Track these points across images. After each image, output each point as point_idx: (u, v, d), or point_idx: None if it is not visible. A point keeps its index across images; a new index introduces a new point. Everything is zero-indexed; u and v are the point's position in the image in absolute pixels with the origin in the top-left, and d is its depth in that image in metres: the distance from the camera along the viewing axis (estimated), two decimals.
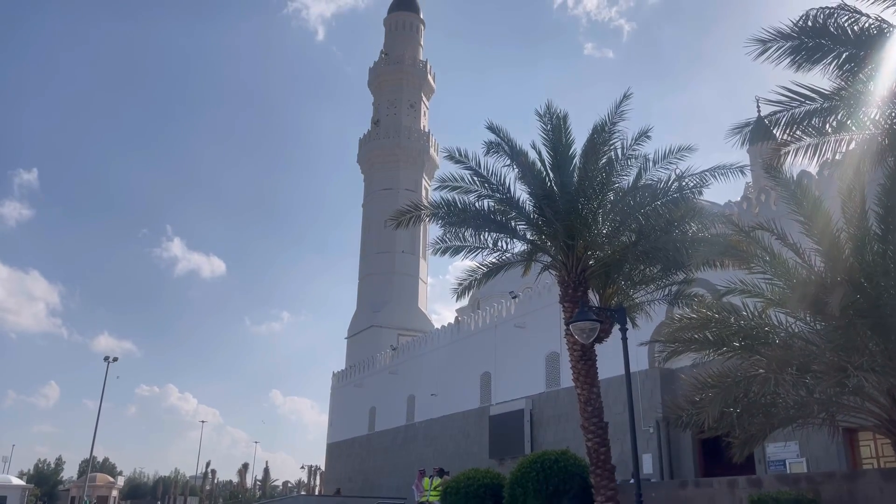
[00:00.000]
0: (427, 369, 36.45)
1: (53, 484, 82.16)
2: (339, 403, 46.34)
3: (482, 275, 16.75)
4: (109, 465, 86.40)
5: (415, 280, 51.59)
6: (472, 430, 31.53)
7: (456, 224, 15.72)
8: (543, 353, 28.63)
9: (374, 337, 47.68)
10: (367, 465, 40.01)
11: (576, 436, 23.32)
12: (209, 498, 70.15)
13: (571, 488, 14.49)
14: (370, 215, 52.86)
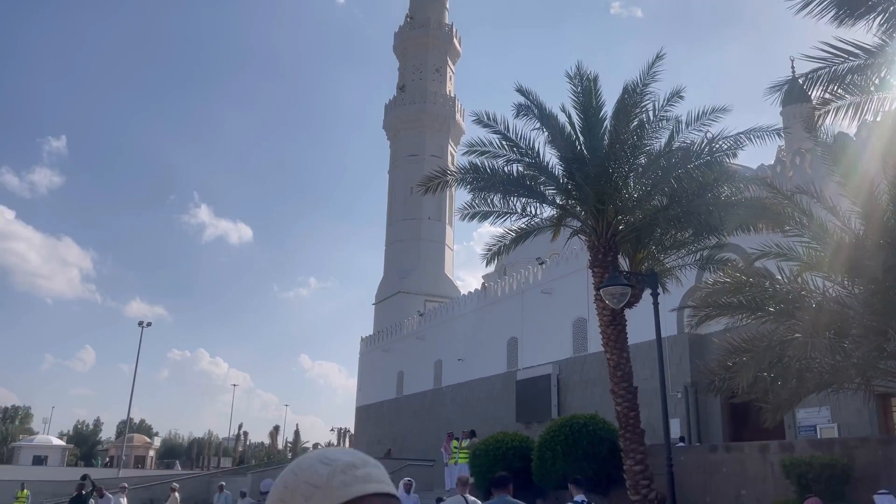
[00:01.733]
0: (454, 335, 36.65)
1: (92, 444, 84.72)
2: (368, 368, 46.90)
3: (511, 240, 16.68)
4: (146, 426, 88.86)
5: (441, 247, 51.61)
6: (498, 394, 31.75)
7: (484, 189, 15.63)
8: (570, 319, 28.60)
9: (401, 303, 47.95)
10: (396, 427, 40.58)
11: (603, 400, 23.38)
12: (242, 458, 71.86)
13: (600, 452, 14.55)
14: (396, 182, 52.79)
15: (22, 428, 79.59)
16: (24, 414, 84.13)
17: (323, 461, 1.16)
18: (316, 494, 1.11)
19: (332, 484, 1.12)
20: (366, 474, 1.16)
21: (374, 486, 1.15)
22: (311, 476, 1.13)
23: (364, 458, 1.21)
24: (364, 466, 1.18)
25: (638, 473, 13.57)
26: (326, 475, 1.13)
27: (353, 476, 1.14)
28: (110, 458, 61.37)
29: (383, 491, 1.16)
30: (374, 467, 1.20)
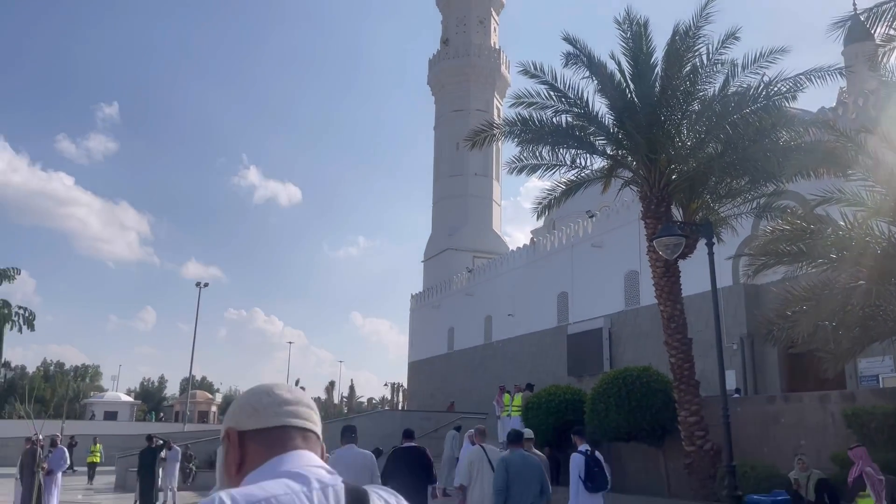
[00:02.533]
0: (503, 290, 36.71)
1: (158, 400, 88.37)
2: (419, 324, 47.46)
3: (560, 193, 16.48)
4: (207, 383, 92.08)
5: (488, 202, 51.37)
6: (549, 348, 31.82)
7: (532, 141, 15.41)
8: (622, 272, 28.31)
9: (449, 259, 48.12)
10: (448, 382, 41.16)
11: (656, 353, 23.21)
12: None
13: (654, 403, 14.48)
14: (442, 137, 52.49)
15: (92, 385, 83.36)
16: (94, 372, 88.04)
17: (268, 394, 1.47)
18: (254, 416, 1.44)
19: (267, 412, 1.44)
20: (294, 410, 1.46)
21: (296, 420, 1.45)
22: (256, 402, 1.46)
23: (300, 399, 1.49)
24: (296, 405, 1.47)
25: (693, 425, 13.51)
26: (265, 404, 1.45)
27: (284, 410, 1.45)
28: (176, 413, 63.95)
29: (301, 425, 1.45)
30: (304, 407, 1.48)
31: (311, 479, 1.32)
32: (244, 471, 1.38)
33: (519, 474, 7.41)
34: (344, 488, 1.36)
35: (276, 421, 1.43)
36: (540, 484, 7.51)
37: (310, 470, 1.35)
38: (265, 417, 1.43)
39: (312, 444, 1.44)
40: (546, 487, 7.60)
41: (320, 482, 1.33)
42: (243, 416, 1.44)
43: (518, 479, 7.39)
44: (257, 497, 1.23)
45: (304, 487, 1.29)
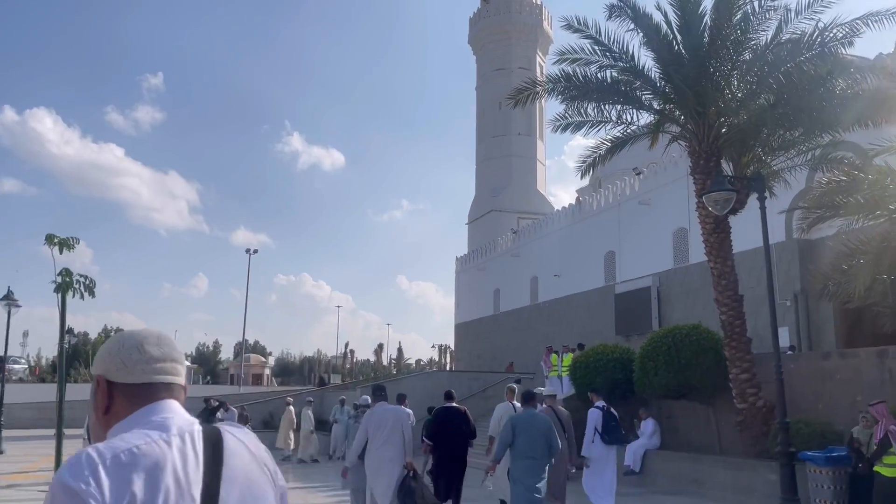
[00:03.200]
0: (549, 251, 36.51)
1: (214, 364, 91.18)
2: (464, 286, 47.65)
3: (606, 150, 16.21)
4: (260, 346, 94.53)
5: (532, 162, 50.85)
6: (596, 308, 31.65)
7: (576, 98, 15.13)
8: (670, 230, 27.84)
9: (494, 221, 47.97)
10: (495, 343, 41.39)
11: (706, 311, 22.87)
12: (350, 375, 75.59)
13: (704, 361, 14.34)
14: (484, 98, 51.93)
15: None
16: None
17: (138, 349, 1.54)
18: (122, 370, 1.52)
19: (136, 369, 1.52)
20: (161, 367, 1.54)
21: (163, 377, 1.54)
22: (126, 357, 1.53)
23: (167, 354, 1.57)
24: (163, 361, 1.55)
25: (745, 382, 13.35)
26: (135, 360, 1.52)
27: (152, 367, 1.53)
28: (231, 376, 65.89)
29: (167, 381, 1.54)
30: (171, 362, 1.57)
31: (171, 426, 1.44)
32: (111, 413, 1.52)
33: (525, 431, 7.93)
34: (201, 431, 1.47)
35: (145, 378, 1.52)
36: (546, 439, 7.98)
37: (170, 418, 1.47)
38: (134, 374, 1.51)
39: (176, 392, 1.56)
40: (554, 442, 8.07)
41: (179, 428, 1.44)
42: (113, 368, 1.53)
43: (524, 434, 7.90)
44: (120, 448, 1.34)
45: (164, 434, 1.41)
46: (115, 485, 1.28)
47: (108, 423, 1.51)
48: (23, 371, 57.55)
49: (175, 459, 1.36)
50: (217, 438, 1.47)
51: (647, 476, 14.54)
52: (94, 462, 1.31)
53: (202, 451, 1.42)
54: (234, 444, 1.48)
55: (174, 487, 1.32)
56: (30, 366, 65.29)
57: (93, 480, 1.28)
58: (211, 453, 1.43)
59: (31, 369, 63.00)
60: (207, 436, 1.46)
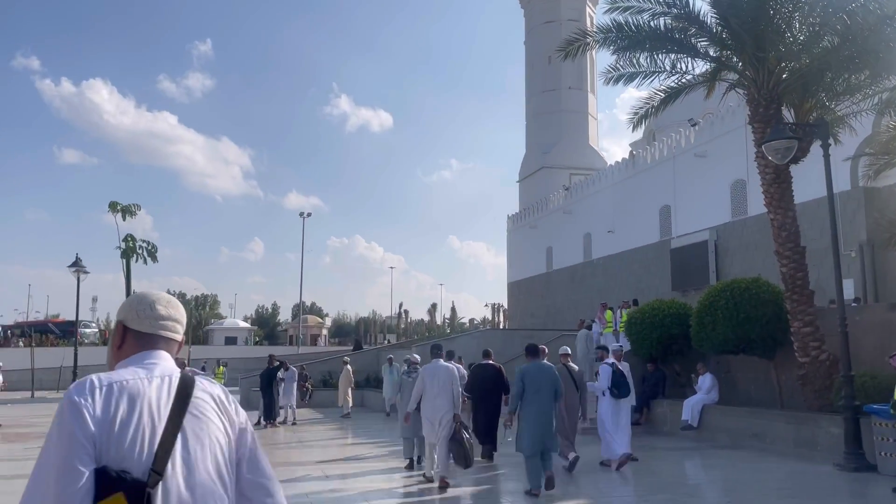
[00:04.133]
0: (602, 207, 36.03)
1: (272, 326, 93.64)
2: (516, 245, 47.53)
3: (659, 101, 15.78)
4: (317, 308, 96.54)
5: (584, 117, 49.91)
6: (652, 264, 31.23)
7: (629, 48, 14.70)
8: (728, 182, 27.12)
9: (545, 178, 47.50)
10: (548, 301, 41.34)
11: (766, 264, 22.33)
12: (405, 334, 76.71)
13: (764, 315, 14.02)
14: (533, 52, 50.98)
15: (212, 313, 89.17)
16: (213, 301, 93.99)
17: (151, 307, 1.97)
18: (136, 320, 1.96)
19: (146, 322, 1.96)
20: (164, 324, 1.98)
21: (164, 332, 1.97)
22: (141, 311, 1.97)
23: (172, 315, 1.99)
24: (167, 320, 1.98)
25: (807, 335, 13.04)
26: (147, 315, 1.96)
27: (158, 324, 1.97)
28: (290, 337, 67.65)
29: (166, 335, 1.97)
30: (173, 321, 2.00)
31: (156, 369, 1.87)
32: (122, 350, 1.96)
33: (534, 381, 8.86)
34: (178, 376, 1.88)
35: (151, 329, 1.96)
36: (553, 388, 8.94)
37: (158, 364, 1.90)
38: (144, 325, 1.96)
39: (171, 346, 1.99)
40: (559, 391, 9.05)
41: (161, 372, 1.88)
42: (131, 317, 1.97)
43: (533, 384, 8.84)
44: (114, 379, 1.79)
45: (148, 374, 1.85)
46: (104, 404, 1.73)
47: (118, 357, 1.96)
48: (94, 335, 60.19)
49: (152, 395, 1.80)
50: (189, 383, 1.89)
51: (704, 431, 14.44)
52: (94, 386, 1.76)
53: (175, 390, 1.84)
54: (200, 389, 1.90)
55: (147, 412, 1.76)
56: (100, 330, 68.16)
57: (90, 398, 1.73)
58: (182, 394, 1.85)
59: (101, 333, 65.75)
60: (182, 380, 1.89)
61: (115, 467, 1.68)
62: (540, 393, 8.79)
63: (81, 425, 1.67)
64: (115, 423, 1.71)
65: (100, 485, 1.66)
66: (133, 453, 1.70)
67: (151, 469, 1.71)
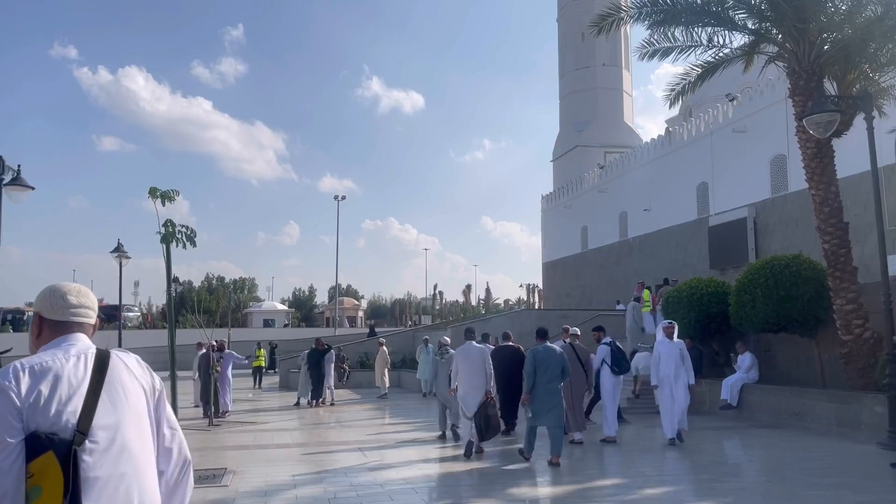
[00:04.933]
0: (638, 185, 35.57)
1: (309, 308, 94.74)
2: (550, 225, 47.25)
3: (696, 76, 15.48)
4: (353, 290, 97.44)
5: (618, 94, 49.19)
6: (689, 242, 30.81)
7: (664, 22, 14.42)
8: (767, 158, 26.53)
9: (579, 157, 47.02)
10: (584, 281, 41.10)
11: (807, 241, 21.87)
12: (440, 316, 77.09)
13: (805, 292, 13.77)
14: (566, 29, 50.31)
15: (250, 296, 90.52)
16: (251, 284, 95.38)
17: (63, 298, 2.24)
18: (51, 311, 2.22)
19: (58, 311, 2.23)
20: (76, 311, 2.24)
21: (75, 318, 2.24)
22: (53, 302, 2.23)
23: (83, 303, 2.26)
24: (78, 307, 2.25)
25: (850, 313, 12.77)
26: (59, 306, 2.23)
27: (69, 311, 2.23)
28: (326, 318, 68.45)
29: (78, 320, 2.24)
30: (84, 308, 2.26)
31: (72, 349, 2.15)
32: (41, 338, 2.24)
33: (543, 361, 9.79)
34: (94, 353, 2.17)
35: (64, 317, 2.23)
36: (561, 367, 9.86)
37: (74, 345, 2.18)
38: (57, 314, 2.23)
39: (86, 328, 2.27)
40: (566, 370, 9.99)
41: (78, 350, 2.15)
42: (45, 308, 2.25)
43: (542, 364, 9.77)
44: (35, 362, 2.07)
45: (66, 354, 2.13)
46: (28, 385, 2.01)
47: (38, 345, 2.24)
48: (136, 318, 61.69)
49: (70, 370, 2.09)
50: (105, 357, 2.18)
51: (744, 410, 14.29)
52: (17, 370, 2.04)
53: (91, 365, 2.13)
54: (116, 361, 2.19)
55: (67, 384, 2.06)
56: (142, 313, 69.79)
57: (14, 381, 2.00)
58: (98, 366, 2.14)
59: (144, 317, 67.33)
60: (98, 355, 2.18)
61: (44, 431, 1.96)
62: (548, 372, 9.78)
63: (7, 404, 1.97)
64: (41, 397, 2.01)
65: (33, 447, 1.95)
66: (60, 419, 2.00)
67: (76, 430, 2.00)
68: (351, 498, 7.90)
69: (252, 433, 13.91)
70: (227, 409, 16.90)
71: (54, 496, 1.93)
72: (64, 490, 1.94)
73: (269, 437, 13.43)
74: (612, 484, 8.55)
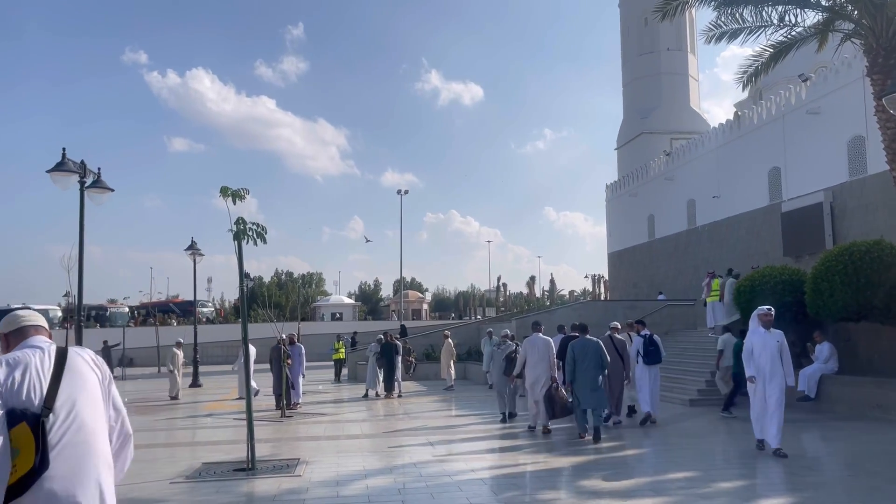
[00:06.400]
0: (706, 171, 34.63)
1: (375, 301, 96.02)
2: (616, 214, 46.50)
3: (768, 57, 14.99)
4: (417, 283, 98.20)
5: (684, 78, 47.91)
6: (761, 229, 29.83)
7: (731, 3, 14.03)
8: (844, 139, 25.41)
9: (644, 144, 46.08)
10: (651, 270, 40.33)
11: (888, 226, 20.93)
12: (504, 307, 76.92)
13: (888, 279, 13.17)
14: (628, 14, 49.30)
15: (318, 290, 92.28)
16: (318, 279, 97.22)
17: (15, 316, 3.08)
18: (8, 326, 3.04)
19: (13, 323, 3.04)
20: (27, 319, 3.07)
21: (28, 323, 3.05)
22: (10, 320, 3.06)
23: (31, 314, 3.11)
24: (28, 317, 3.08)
25: None
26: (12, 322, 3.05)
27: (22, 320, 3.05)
28: (392, 312, 69.22)
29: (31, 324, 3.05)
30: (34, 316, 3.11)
31: (36, 347, 2.91)
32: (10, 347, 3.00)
33: (581, 353, 11.12)
34: (55, 349, 2.91)
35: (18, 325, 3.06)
36: (599, 359, 11.13)
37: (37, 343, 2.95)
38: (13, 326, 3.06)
39: (42, 331, 3.06)
40: (605, 362, 11.21)
41: (41, 348, 2.90)
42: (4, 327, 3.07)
43: (581, 357, 11.09)
44: (10, 357, 2.82)
45: (32, 350, 2.88)
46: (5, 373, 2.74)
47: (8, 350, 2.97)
48: (210, 313, 63.66)
49: (37, 362, 2.82)
50: (63, 352, 2.92)
51: (822, 402, 13.80)
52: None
53: (54, 357, 2.87)
54: (73, 354, 2.94)
55: (35, 372, 2.79)
56: (215, 308, 72.03)
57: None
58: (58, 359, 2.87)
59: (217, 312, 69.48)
60: (58, 350, 2.92)
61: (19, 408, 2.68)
62: (586, 362, 11.07)
63: None
64: (15, 382, 2.73)
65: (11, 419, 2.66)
66: (31, 399, 2.71)
67: (43, 406, 2.72)
68: (420, 489, 8.00)
69: (322, 424, 14.23)
70: (297, 400, 17.33)
71: (28, 455, 2.63)
72: (35, 450, 2.64)
73: (339, 428, 13.71)
74: (682, 477, 8.40)
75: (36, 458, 2.63)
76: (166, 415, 16.86)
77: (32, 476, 2.63)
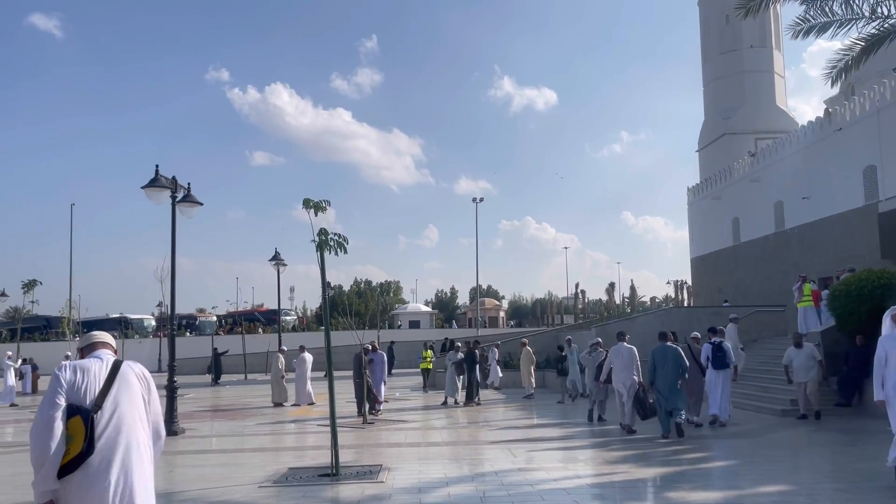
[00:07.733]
0: (794, 171, 33.24)
1: (452, 309, 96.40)
2: (698, 218, 45.19)
3: (860, 51, 14.32)
4: (493, 290, 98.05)
5: (769, 76, 46.18)
6: (855, 230, 28.37)
7: None
8: None
9: (727, 145, 44.66)
10: (736, 275, 38.98)
11: None
12: (583, 314, 75.79)
13: None
14: (708, 12, 47.95)
15: (396, 298, 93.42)
16: (396, 287, 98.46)
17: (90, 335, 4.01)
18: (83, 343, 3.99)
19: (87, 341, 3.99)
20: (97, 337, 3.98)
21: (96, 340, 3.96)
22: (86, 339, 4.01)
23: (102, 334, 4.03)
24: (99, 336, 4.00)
25: None
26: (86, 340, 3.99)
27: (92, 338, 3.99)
28: (469, 319, 69.33)
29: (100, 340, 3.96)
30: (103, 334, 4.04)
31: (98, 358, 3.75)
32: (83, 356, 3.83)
33: (662, 360, 12.19)
34: (113, 361, 3.72)
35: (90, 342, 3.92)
36: (678, 365, 12.16)
37: (100, 355, 3.79)
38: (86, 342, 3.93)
39: (107, 347, 3.92)
40: (684, 368, 12.24)
41: (102, 359, 3.73)
42: (81, 343, 3.96)
43: (662, 363, 12.15)
44: (76, 363, 3.64)
45: (96, 360, 3.72)
46: (70, 374, 3.55)
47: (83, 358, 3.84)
48: (293, 321, 65.40)
49: (96, 369, 3.62)
50: (118, 363, 3.71)
51: None
52: (65, 366, 3.61)
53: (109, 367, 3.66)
54: (125, 366, 3.72)
55: (92, 377, 3.57)
56: (298, 317, 73.91)
57: (64, 371, 3.57)
58: (113, 369, 3.65)
59: (299, 320, 71.28)
60: (115, 362, 3.72)
61: (76, 404, 3.45)
62: (665, 367, 12.07)
63: (59, 382, 3.52)
64: (75, 383, 3.52)
65: (69, 412, 3.43)
66: (86, 398, 3.49)
67: (95, 405, 3.48)
68: (502, 497, 7.98)
69: (403, 432, 14.38)
70: (381, 399, 17.67)
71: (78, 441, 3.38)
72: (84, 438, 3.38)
73: (420, 435, 13.82)
74: (775, 490, 8.06)
75: (84, 445, 3.37)
76: (253, 420, 17.40)
77: (81, 458, 3.36)
